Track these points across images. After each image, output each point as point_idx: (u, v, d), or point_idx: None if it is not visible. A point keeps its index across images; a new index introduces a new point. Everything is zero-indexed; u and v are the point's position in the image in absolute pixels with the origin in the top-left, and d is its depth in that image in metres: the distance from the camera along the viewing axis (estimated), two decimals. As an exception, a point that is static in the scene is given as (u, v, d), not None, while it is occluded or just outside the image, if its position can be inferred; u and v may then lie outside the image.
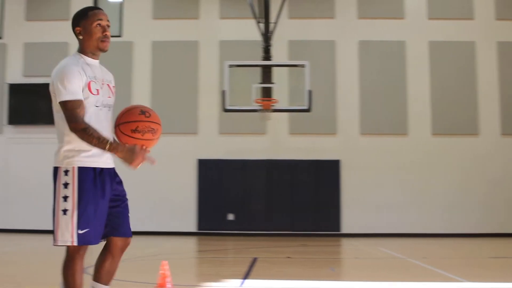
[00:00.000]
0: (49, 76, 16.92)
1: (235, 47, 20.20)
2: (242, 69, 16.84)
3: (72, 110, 4.33)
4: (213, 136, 20.33)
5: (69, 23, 18.16)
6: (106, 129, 4.52)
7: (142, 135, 4.37)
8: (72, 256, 4.50)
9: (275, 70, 17.08)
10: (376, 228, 19.69)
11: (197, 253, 14.32)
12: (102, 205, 4.42)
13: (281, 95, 17.16)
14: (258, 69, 17.04)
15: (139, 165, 4.40)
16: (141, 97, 20.55)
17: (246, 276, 8.85)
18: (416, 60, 20.47)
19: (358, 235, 19.45)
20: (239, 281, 8.36)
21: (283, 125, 20.09)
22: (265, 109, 16.55)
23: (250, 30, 18.75)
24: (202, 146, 20.28)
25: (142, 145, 4.35)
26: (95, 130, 4.33)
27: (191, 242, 17.47)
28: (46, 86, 17.21)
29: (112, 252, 4.65)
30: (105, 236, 4.57)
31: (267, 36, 17.23)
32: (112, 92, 4.75)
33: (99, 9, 4.60)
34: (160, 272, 7.36)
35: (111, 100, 4.71)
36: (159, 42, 20.80)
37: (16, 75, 21.09)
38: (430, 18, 20.69)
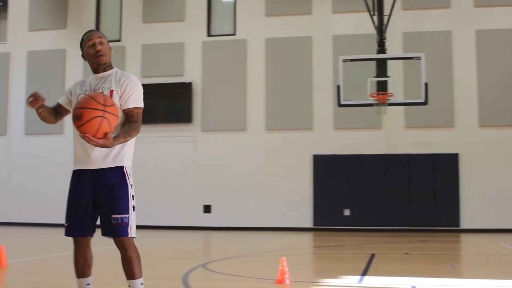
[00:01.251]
0: (166, 76, 17.41)
1: (349, 41, 20.03)
2: (356, 63, 16.71)
3: None
4: (328, 131, 20.25)
5: (184, 24, 18.56)
6: None
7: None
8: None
9: (389, 63, 16.86)
10: (497, 223, 19.03)
11: (313, 249, 14.31)
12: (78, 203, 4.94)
13: (396, 88, 16.93)
14: (373, 63, 16.87)
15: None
16: (255, 93, 20.73)
17: (364, 273, 8.77)
18: (539, 49, 19.65)
19: (478, 230, 18.87)
20: (357, 277, 8.30)
21: (399, 118, 19.76)
22: (381, 103, 16.36)
23: (364, 24, 18.56)
24: (317, 141, 20.24)
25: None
26: None
27: (307, 238, 17.48)
28: (163, 86, 17.76)
29: (118, 250, 4.95)
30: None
31: (381, 29, 17.03)
32: None
33: (92, 31, 5.20)
34: (279, 268, 7.40)
35: None
36: (272, 39, 20.90)
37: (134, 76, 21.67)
38: (552, 4, 19.82)
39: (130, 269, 4.91)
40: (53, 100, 5.35)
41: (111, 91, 4.93)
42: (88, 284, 5.11)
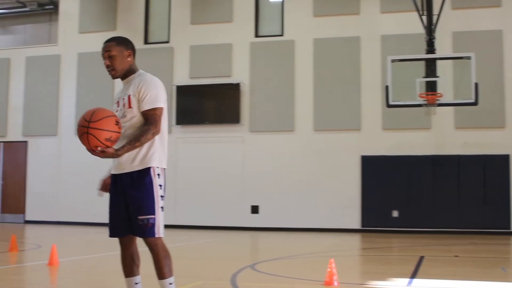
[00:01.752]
0: (214, 77, 17.54)
1: (397, 41, 19.87)
2: (405, 64, 16.58)
3: None
4: (377, 132, 20.11)
5: (232, 25, 18.72)
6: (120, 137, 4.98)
7: (111, 144, 4.75)
8: None
9: (439, 63, 16.69)
10: (550, 226, 18.68)
11: (361, 251, 14.24)
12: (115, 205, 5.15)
13: (446, 88, 16.75)
14: (422, 63, 16.72)
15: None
16: (303, 94, 20.71)
17: (413, 275, 8.70)
18: None
19: (530, 233, 18.57)
20: (406, 280, 8.24)
21: (448, 119, 19.52)
22: (430, 104, 16.21)
23: (412, 23, 18.38)
24: (366, 142, 20.12)
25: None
26: None
27: (355, 239, 17.40)
28: (211, 87, 17.91)
29: (148, 249, 5.05)
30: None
31: (430, 28, 16.85)
32: (123, 104, 5.14)
33: (105, 42, 5.24)
34: (328, 269, 7.39)
35: (118, 114, 5.11)
36: (320, 39, 20.85)
37: (183, 77, 21.89)
38: None
39: (159, 269, 5.02)
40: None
41: (129, 96, 5.08)
42: (136, 283, 5.20)
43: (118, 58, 5.13)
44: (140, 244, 5.21)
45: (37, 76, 23.71)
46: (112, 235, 5.19)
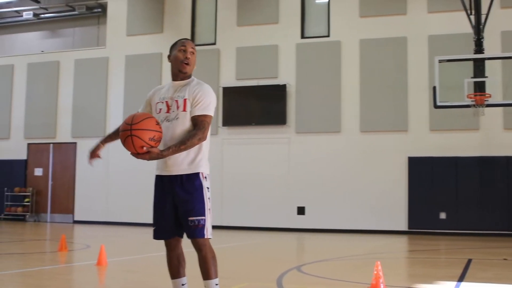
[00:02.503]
0: (260, 78, 17.57)
1: (445, 41, 19.66)
2: (453, 64, 16.43)
3: None
4: (424, 133, 19.93)
5: (279, 27, 18.74)
6: (166, 138, 5.05)
7: (155, 144, 4.85)
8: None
9: (487, 63, 16.50)
10: None
11: (408, 253, 14.12)
12: (161, 207, 5.19)
13: (494, 89, 16.55)
14: (470, 63, 16.54)
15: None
16: (350, 95, 20.64)
17: (461, 279, 8.60)
18: None
19: None
20: (453, 283, 8.14)
21: (497, 120, 19.24)
22: (478, 104, 16.02)
23: (460, 23, 18.21)
24: (413, 143, 19.95)
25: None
26: None
27: (402, 241, 17.26)
28: (257, 88, 17.93)
29: (195, 250, 5.10)
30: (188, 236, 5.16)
31: (478, 28, 16.66)
32: (176, 106, 5.17)
33: (188, 40, 5.42)
34: (374, 272, 7.35)
35: (168, 115, 5.17)
36: (366, 40, 20.74)
37: (229, 78, 21.99)
38: None
39: (205, 270, 5.07)
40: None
41: (185, 100, 5.13)
42: (183, 285, 5.27)
43: (194, 60, 5.32)
44: (184, 245, 5.26)
45: (86, 78, 24.07)
46: (157, 237, 5.25)
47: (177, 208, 5.08)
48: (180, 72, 5.23)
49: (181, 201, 5.05)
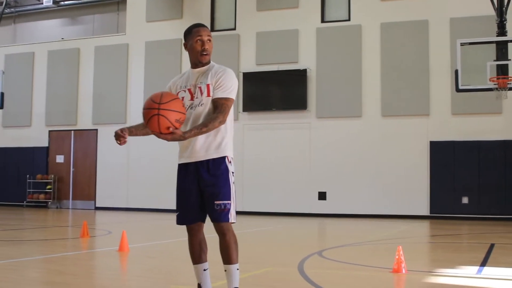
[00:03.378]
0: (281, 63, 17.45)
1: (467, 23, 19.44)
2: (475, 47, 16.24)
3: None
4: (446, 117, 19.76)
5: (298, 11, 18.61)
6: (189, 124, 5.05)
7: (179, 126, 4.78)
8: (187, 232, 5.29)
9: (510, 46, 16.26)
10: None
11: (430, 238, 14.03)
12: (186, 193, 5.16)
13: (517, 72, 16.33)
14: (492, 46, 16.33)
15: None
16: (371, 79, 20.51)
17: (483, 263, 8.53)
18: None
19: None
20: (475, 268, 8.07)
21: (520, 103, 19.05)
22: (501, 87, 15.82)
23: (482, 5, 17.98)
24: (434, 127, 19.80)
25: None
26: None
27: (424, 226, 17.16)
28: (277, 73, 17.86)
29: (217, 234, 5.07)
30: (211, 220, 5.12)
31: (501, 10, 16.44)
32: (200, 93, 5.12)
33: (202, 25, 5.23)
34: (396, 257, 7.31)
35: (192, 102, 5.12)
36: (387, 23, 20.57)
37: (249, 64, 21.93)
38: None
39: (228, 254, 5.05)
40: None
41: (207, 85, 5.09)
42: (205, 270, 5.26)
43: (212, 46, 5.22)
44: (206, 231, 5.24)
45: (106, 65, 24.12)
46: (181, 222, 5.22)
47: (202, 193, 5.07)
48: (200, 63, 5.19)
49: (207, 185, 5.04)
